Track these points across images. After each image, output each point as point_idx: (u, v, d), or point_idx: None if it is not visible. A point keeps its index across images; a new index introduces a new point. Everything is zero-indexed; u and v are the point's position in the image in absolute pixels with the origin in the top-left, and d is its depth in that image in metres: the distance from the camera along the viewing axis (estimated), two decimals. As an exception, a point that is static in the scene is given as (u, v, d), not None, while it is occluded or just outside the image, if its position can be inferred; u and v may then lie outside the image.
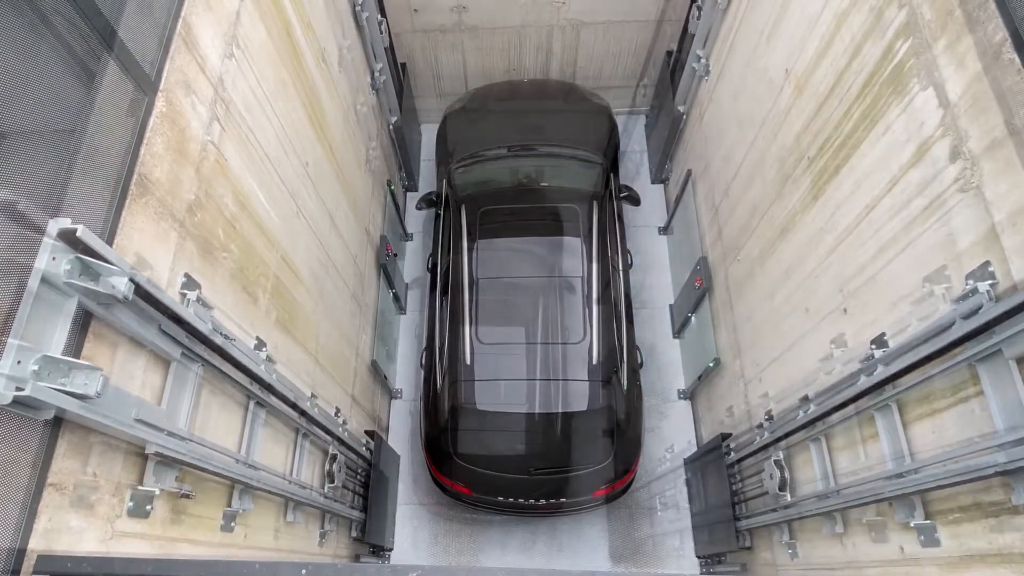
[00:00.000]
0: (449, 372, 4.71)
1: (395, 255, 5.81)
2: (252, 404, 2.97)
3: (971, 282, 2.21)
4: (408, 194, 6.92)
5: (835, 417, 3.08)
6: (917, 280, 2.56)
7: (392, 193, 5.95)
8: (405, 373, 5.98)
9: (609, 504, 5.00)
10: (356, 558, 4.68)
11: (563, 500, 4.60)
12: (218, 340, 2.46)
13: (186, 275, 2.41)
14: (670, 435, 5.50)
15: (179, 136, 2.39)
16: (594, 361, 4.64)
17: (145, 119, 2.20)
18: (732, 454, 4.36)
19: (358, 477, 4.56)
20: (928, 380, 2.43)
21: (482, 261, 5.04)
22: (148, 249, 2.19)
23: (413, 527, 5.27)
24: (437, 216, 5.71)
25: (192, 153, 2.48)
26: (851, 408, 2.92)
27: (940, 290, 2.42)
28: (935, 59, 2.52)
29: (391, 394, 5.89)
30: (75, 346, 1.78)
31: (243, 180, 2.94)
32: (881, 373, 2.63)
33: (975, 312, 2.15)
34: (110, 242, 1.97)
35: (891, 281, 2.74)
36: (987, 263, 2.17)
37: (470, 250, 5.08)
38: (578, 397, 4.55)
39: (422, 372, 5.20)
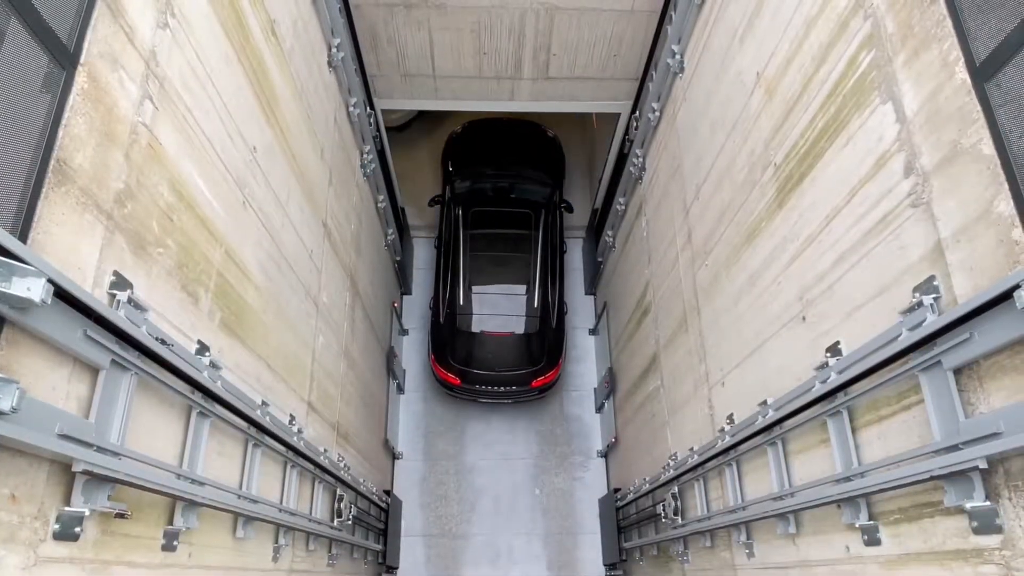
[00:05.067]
0: (448, 308, 8.04)
1: (398, 357, 8.40)
2: (194, 414, 2.90)
3: (917, 295, 2.43)
4: (404, 297, 9.48)
5: (791, 422, 3.32)
6: (871, 291, 2.79)
7: (397, 312, 8.62)
8: (404, 438, 8.62)
9: (548, 527, 8.19)
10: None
11: (514, 388, 7.94)
12: (153, 345, 2.37)
13: (115, 273, 2.30)
14: (591, 482, 8.46)
15: (105, 116, 2.26)
16: (534, 304, 8.10)
17: (63, 97, 2.02)
18: (619, 500, 7.27)
19: (372, 517, 6.50)
20: (876, 388, 2.66)
21: (472, 242, 8.43)
22: (70, 245, 2.07)
23: (412, 551, 8.06)
24: (441, 212, 9.03)
25: (120, 136, 2.35)
26: (805, 414, 3.16)
27: (891, 301, 2.65)
28: (895, 73, 2.73)
29: (394, 456, 8.33)
30: (-16, 357, 1.72)
31: (181, 166, 2.82)
32: (834, 380, 2.87)
33: (920, 324, 2.38)
34: (24, 238, 1.85)
35: (847, 291, 2.97)
36: (932, 277, 2.40)
37: (465, 234, 8.45)
38: (523, 325, 8.04)
39: (430, 312, 8.49)
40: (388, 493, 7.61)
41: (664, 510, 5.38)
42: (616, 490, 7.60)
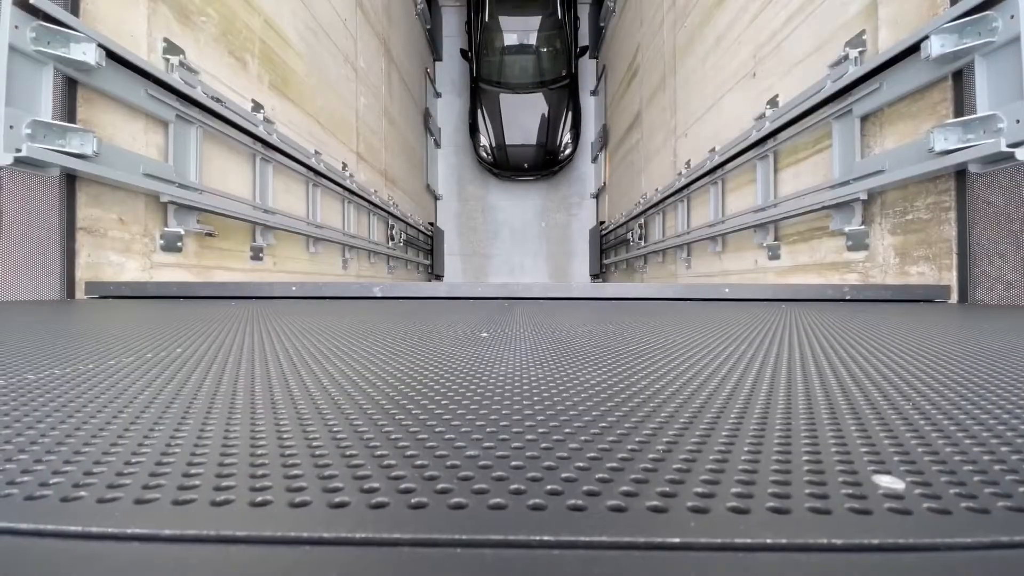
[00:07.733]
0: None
1: (433, 117, 8.25)
2: (258, 160, 2.91)
3: (847, 49, 2.13)
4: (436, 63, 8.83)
5: (730, 165, 3.19)
6: (810, 47, 2.45)
7: (430, 77, 8.23)
8: (443, 184, 8.68)
9: (550, 250, 8.56)
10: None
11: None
12: (209, 103, 2.31)
13: (165, 40, 2.18)
14: (584, 217, 8.59)
15: None
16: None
17: None
18: (603, 230, 7.56)
19: (420, 241, 7.05)
20: (798, 135, 2.49)
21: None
22: (118, 15, 1.96)
23: (452, 265, 8.59)
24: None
25: None
26: (742, 158, 3.02)
27: (825, 56, 2.33)
28: None
29: (436, 197, 8.47)
30: (67, 112, 1.74)
31: None
32: (767, 129, 2.67)
33: (842, 76, 2.12)
34: (75, 11, 1.77)
35: (792, 47, 2.61)
36: (863, 31, 2.07)
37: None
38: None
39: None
40: (432, 225, 8.00)
41: (632, 236, 5.54)
42: (601, 223, 7.83)
